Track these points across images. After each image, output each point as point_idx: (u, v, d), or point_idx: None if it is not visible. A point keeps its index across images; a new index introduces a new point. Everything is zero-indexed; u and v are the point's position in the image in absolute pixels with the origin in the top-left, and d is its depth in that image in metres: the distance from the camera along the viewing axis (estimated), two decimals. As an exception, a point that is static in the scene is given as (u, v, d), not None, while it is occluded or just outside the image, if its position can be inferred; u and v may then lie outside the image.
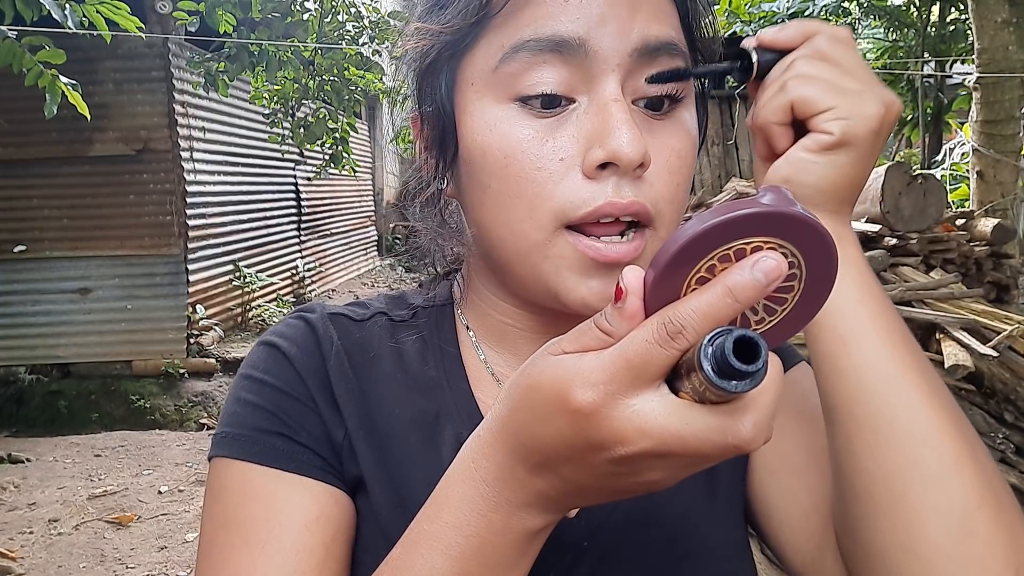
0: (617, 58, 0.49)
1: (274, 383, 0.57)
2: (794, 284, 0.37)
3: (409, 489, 0.55)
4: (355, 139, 8.13)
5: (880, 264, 2.99)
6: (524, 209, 0.50)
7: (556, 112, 0.50)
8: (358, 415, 0.57)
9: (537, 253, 0.51)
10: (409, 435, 0.57)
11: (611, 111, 0.49)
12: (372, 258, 11.31)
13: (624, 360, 0.35)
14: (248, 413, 0.56)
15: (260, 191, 7.12)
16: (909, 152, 11.25)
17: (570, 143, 0.50)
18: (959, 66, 9.04)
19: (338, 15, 5.29)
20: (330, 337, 0.60)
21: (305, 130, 5.45)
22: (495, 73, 0.50)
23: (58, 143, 5.40)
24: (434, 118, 0.56)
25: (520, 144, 0.50)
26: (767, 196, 0.35)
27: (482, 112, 0.51)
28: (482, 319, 0.62)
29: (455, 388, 0.60)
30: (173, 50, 5.48)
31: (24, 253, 5.53)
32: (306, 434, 0.55)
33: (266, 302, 7.00)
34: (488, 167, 0.51)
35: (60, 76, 2.99)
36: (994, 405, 2.65)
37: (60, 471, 4.27)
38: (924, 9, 8.97)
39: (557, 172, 0.49)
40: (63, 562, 3.27)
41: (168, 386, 5.52)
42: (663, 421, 0.35)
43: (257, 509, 0.53)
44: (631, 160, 0.48)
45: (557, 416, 0.37)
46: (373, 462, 0.56)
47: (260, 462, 0.54)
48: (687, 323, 0.34)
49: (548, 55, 0.49)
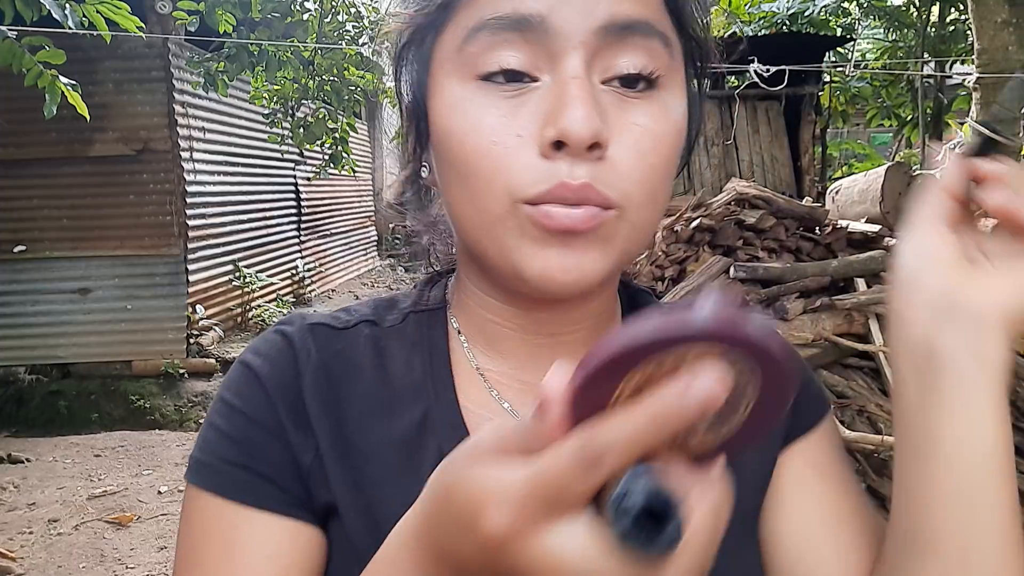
0: (580, 35, 0.48)
1: (242, 409, 0.56)
2: (745, 397, 0.34)
3: (386, 511, 0.53)
4: (355, 139, 8.13)
5: (880, 264, 2.99)
6: (482, 184, 0.50)
7: (518, 90, 0.49)
8: (333, 434, 0.55)
9: (499, 226, 0.50)
10: (389, 453, 0.55)
11: (568, 88, 0.47)
12: (372, 258, 11.32)
13: (540, 484, 0.32)
14: (215, 439, 0.56)
15: (260, 191, 7.12)
16: (909, 152, 11.25)
17: (528, 121, 0.48)
18: (959, 66, 9.04)
19: (338, 15, 5.28)
20: (307, 350, 0.58)
21: (305, 130, 5.45)
22: (460, 53, 0.50)
23: (58, 143, 5.39)
24: (409, 102, 0.57)
25: (480, 120, 0.49)
26: (716, 304, 0.31)
27: (449, 92, 0.51)
28: (472, 319, 0.61)
29: (441, 398, 0.58)
30: (173, 50, 5.48)
31: (24, 253, 5.53)
32: (268, 465, 0.54)
33: (266, 302, 7.00)
34: (452, 145, 0.51)
35: (60, 76, 2.99)
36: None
37: (60, 471, 4.27)
38: (924, 9, 8.97)
39: (513, 148, 0.48)
40: (63, 562, 3.27)
41: (168, 386, 5.52)
42: (578, 559, 0.32)
43: (216, 547, 0.53)
44: (579, 138, 0.46)
45: (470, 534, 0.35)
46: (347, 485, 0.54)
47: (222, 494, 0.54)
48: (609, 451, 0.31)
49: (508, 34, 0.48)
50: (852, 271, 2.93)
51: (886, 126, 11.90)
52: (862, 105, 10.90)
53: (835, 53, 10.04)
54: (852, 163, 11.76)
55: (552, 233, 0.49)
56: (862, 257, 2.98)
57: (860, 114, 11.70)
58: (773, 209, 3.13)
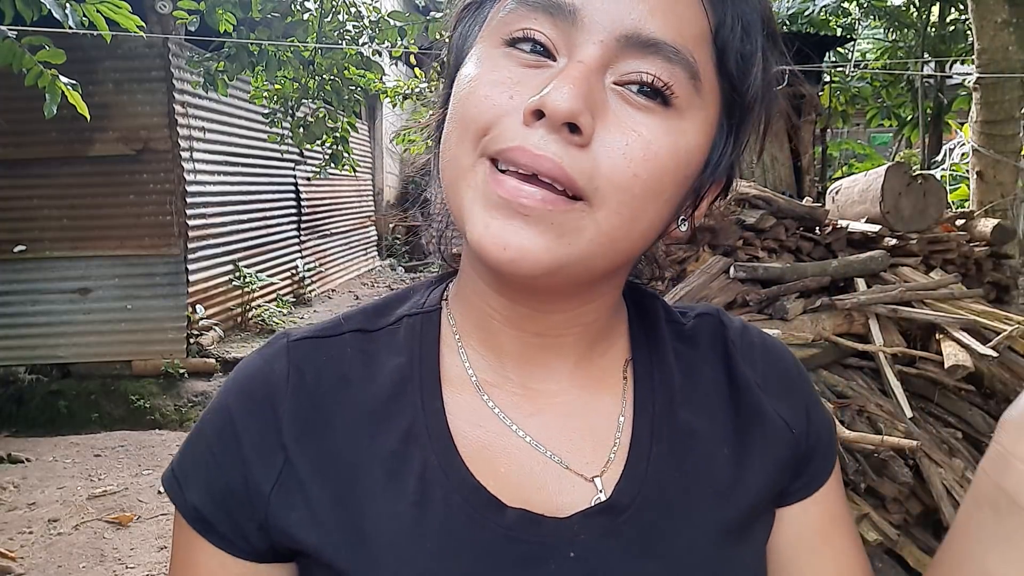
0: (602, 35, 0.48)
1: (209, 441, 0.57)
2: None
3: (368, 527, 0.53)
4: (355, 139, 8.13)
5: (880, 264, 2.99)
6: (461, 130, 0.50)
7: (535, 62, 0.50)
8: (317, 453, 0.55)
9: (462, 180, 0.50)
10: (374, 466, 0.55)
11: (567, 69, 0.47)
12: (372, 258, 11.31)
13: None
14: (185, 463, 0.58)
15: (260, 191, 7.12)
16: (909, 152, 11.25)
17: (526, 90, 0.48)
18: (959, 66, 9.03)
19: (338, 15, 5.28)
20: (286, 375, 0.57)
21: (305, 130, 5.44)
22: (497, 22, 0.52)
23: (58, 143, 5.39)
24: (449, 68, 0.58)
25: (487, 75, 0.50)
26: None
27: (477, 51, 0.52)
28: (468, 312, 0.60)
29: (428, 407, 0.57)
30: (173, 50, 5.48)
31: (24, 253, 5.53)
32: (223, 505, 0.56)
33: (266, 302, 7.00)
34: (457, 95, 0.52)
35: (60, 76, 2.99)
36: (994, 405, 2.65)
37: (60, 471, 4.27)
38: (924, 9, 8.97)
39: (501, 106, 0.48)
40: (63, 562, 3.27)
41: (168, 386, 5.52)
42: None
43: (179, 559, 0.59)
44: (556, 110, 0.45)
45: None
46: (330, 502, 0.54)
47: (183, 516, 0.57)
48: None
49: (540, 14, 0.49)
50: (852, 271, 2.93)
51: (886, 126, 11.90)
52: (862, 105, 10.90)
53: (835, 53, 10.04)
54: (852, 163, 11.76)
55: (502, 201, 0.47)
56: (862, 257, 2.98)
57: (860, 114, 11.70)
58: (773, 209, 3.13)
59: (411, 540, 0.52)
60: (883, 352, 2.63)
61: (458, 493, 0.54)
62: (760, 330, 0.69)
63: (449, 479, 0.54)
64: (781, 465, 0.61)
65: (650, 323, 0.65)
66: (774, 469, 0.61)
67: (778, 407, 0.63)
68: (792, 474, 0.62)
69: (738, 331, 0.66)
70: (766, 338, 0.68)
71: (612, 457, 0.58)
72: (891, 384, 2.57)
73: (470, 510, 0.53)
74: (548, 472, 0.56)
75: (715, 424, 0.61)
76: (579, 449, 0.58)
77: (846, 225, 3.27)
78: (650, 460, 0.57)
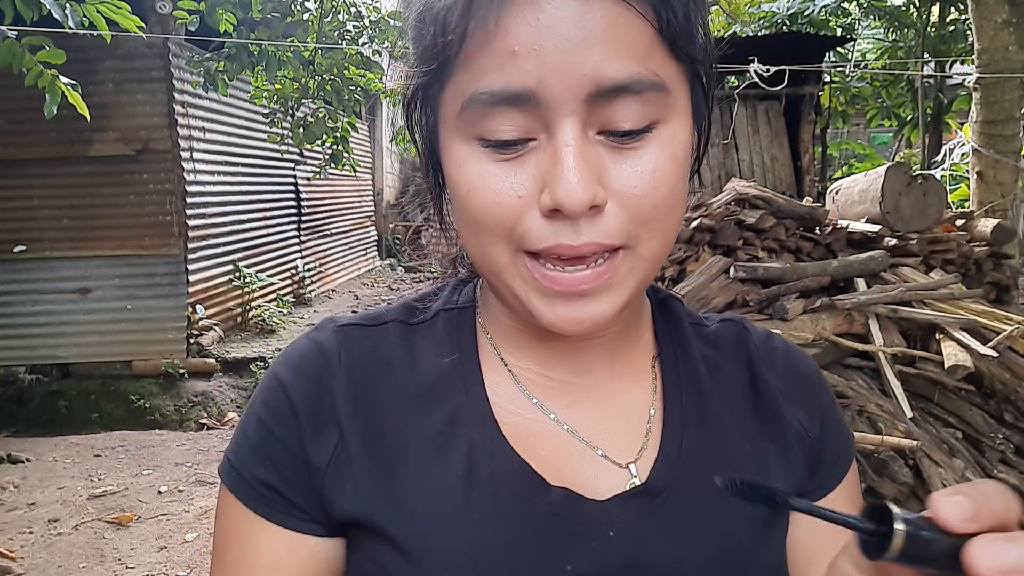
0: (570, 104, 0.48)
1: (265, 420, 0.59)
2: None
3: (416, 498, 0.56)
4: (355, 139, 8.13)
5: (880, 264, 2.99)
6: (488, 236, 0.52)
7: (516, 151, 0.50)
8: (368, 431, 0.58)
9: (507, 273, 0.53)
10: (422, 444, 0.58)
11: (560, 156, 0.48)
12: (372, 258, 11.32)
13: None
14: (243, 446, 0.60)
15: (260, 191, 7.12)
16: (909, 152, 11.25)
17: (528, 180, 0.50)
18: (959, 66, 9.03)
19: (338, 15, 5.28)
20: (338, 354, 0.60)
21: (305, 130, 5.45)
22: (459, 117, 0.51)
23: (58, 143, 5.40)
24: (423, 149, 0.59)
25: (482, 179, 0.51)
26: None
27: (455, 148, 0.53)
28: (497, 324, 0.63)
29: (471, 392, 0.60)
30: (173, 50, 5.48)
31: (24, 253, 5.53)
32: (280, 478, 0.58)
33: (266, 302, 7.00)
34: (459, 199, 0.53)
35: (60, 76, 2.99)
36: (994, 405, 2.65)
37: (60, 471, 4.27)
38: (924, 9, 8.97)
39: (516, 208, 0.50)
40: (63, 562, 3.27)
41: (168, 386, 5.52)
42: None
43: (234, 550, 0.59)
44: (574, 210, 0.48)
45: None
46: (380, 477, 0.57)
47: (242, 500, 0.59)
48: None
49: (501, 106, 0.49)
50: (852, 271, 2.93)
51: (886, 126, 11.89)
52: (862, 105, 10.90)
53: (835, 53, 10.04)
54: (852, 163, 11.76)
55: (562, 292, 0.51)
56: (862, 257, 2.98)
57: (860, 114, 11.69)
58: (773, 209, 3.13)
59: (459, 512, 0.55)
60: (883, 352, 2.63)
61: (504, 470, 0.56)
62: (786, 340, 0.72)
63: (496, 457, 0.57)
64: (797, 467, 0.64)
65: (674, 322, 0.68)
66: (792, 470, 0.63)
67: (796, 412, 0.65)
68: (807, 476, 0.65)
69: (762, 337, 0.69)
70: (790, 346, 0.70)
71: (645, 445, 0.61)
72: (891, 384, 2.58)
73: (516, 486, 0.56)
74: (585, 458, 0.59)
75: (737, 421, 0.63)
76: (613, 438, 0.61)
77: (846, 225, 3.27)
78: (682, 447, 0.60)
